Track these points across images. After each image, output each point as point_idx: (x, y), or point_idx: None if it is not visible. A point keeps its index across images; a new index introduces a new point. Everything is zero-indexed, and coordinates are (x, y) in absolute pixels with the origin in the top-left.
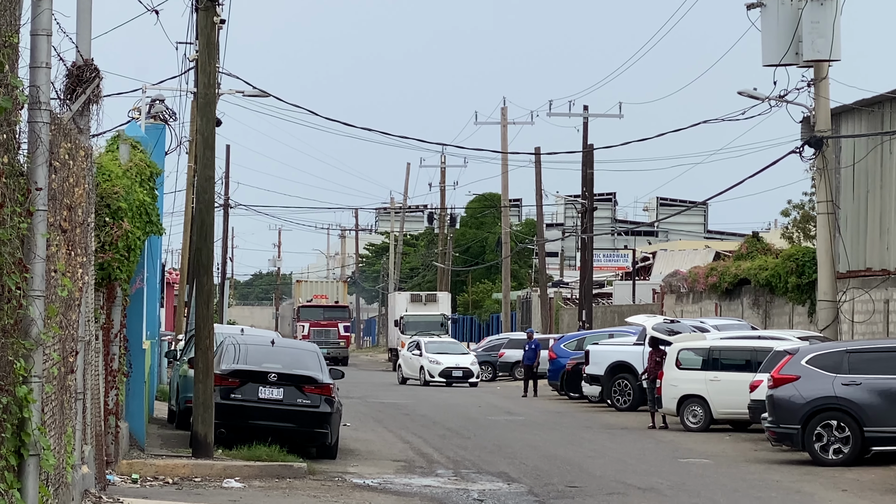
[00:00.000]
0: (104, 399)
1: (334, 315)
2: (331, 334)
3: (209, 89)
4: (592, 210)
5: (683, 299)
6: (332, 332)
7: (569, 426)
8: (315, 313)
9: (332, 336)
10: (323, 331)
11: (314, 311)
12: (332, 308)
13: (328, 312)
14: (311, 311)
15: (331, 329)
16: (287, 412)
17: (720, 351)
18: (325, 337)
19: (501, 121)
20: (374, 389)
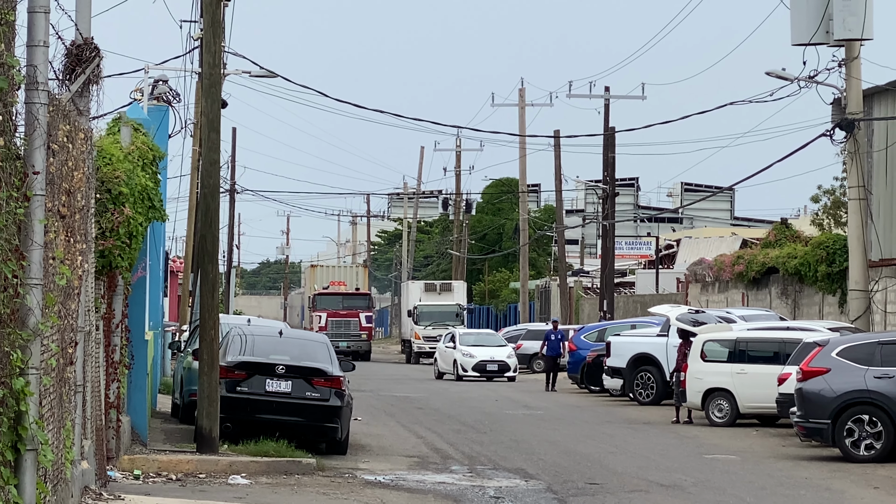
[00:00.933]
0: (105, 392)
1: (354, 304)
2: (351, 326)
3: (214, 69)
4: (614, 196)
5: (709, 289)
6: (352, 323)
7: (589, 421)
8: (333, 302)
9: (352, 328)
10: (342, 322)
11: (331, 299)
12: (351, 296)
13: (347, 301)
14: (329, 299)
15: (351, 320)
16: (295, 406)
17: (747, 342)
18: (344, 329)
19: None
20: (387, 382)
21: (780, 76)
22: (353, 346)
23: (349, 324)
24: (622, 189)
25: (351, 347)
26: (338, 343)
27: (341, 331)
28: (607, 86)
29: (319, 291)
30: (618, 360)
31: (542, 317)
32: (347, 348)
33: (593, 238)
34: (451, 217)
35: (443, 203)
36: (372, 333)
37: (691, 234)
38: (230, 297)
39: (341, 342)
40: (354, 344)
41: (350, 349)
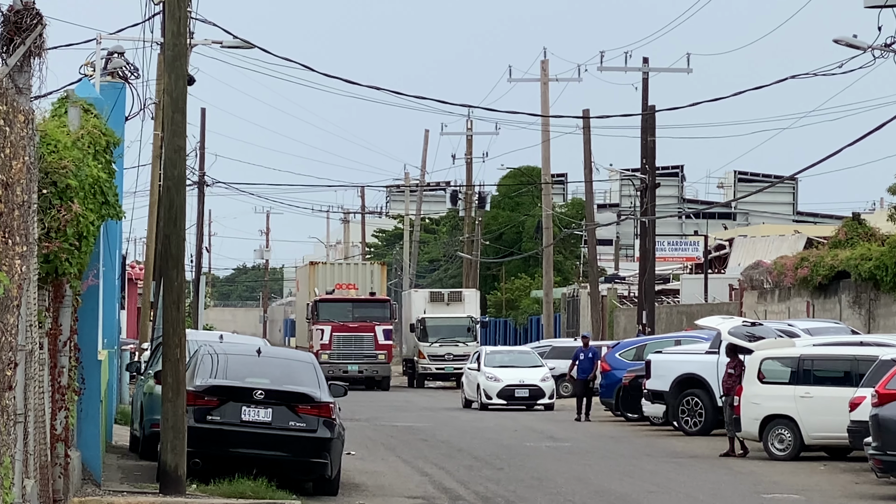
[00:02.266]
0: (51, 422)
1: (369, 314)
2: (364, 343)
3: (179, 39)
4: (654, 187)
5: (767, 297)
6: (365, 339)
7: (625, 454)
8: (340, 311)
9: (365, 346)
10: (352, 339)
11: (338, 308)
12: (365, 303)
13: (360, 310)
14: (334, 308)
15: (364, 336)
16: (277, 438)
17: (813, 360)
18: (355, 348)
19: (541, 77)
20: (386, 410)
21: (851, 44)
22: (367, 371)
23: (362, 341)
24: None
25: (364, 373)
26: (346, 367)
27: (351, 350)
28: (646, 56)
29: (322, 297)
30: (659, 383)
31: (570, 331)
32: (359, 373)
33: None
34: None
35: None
36: (392, 353)
37: (746, 233)
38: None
39: (350, 365)
40: (368, 368)
41: (362, 375)
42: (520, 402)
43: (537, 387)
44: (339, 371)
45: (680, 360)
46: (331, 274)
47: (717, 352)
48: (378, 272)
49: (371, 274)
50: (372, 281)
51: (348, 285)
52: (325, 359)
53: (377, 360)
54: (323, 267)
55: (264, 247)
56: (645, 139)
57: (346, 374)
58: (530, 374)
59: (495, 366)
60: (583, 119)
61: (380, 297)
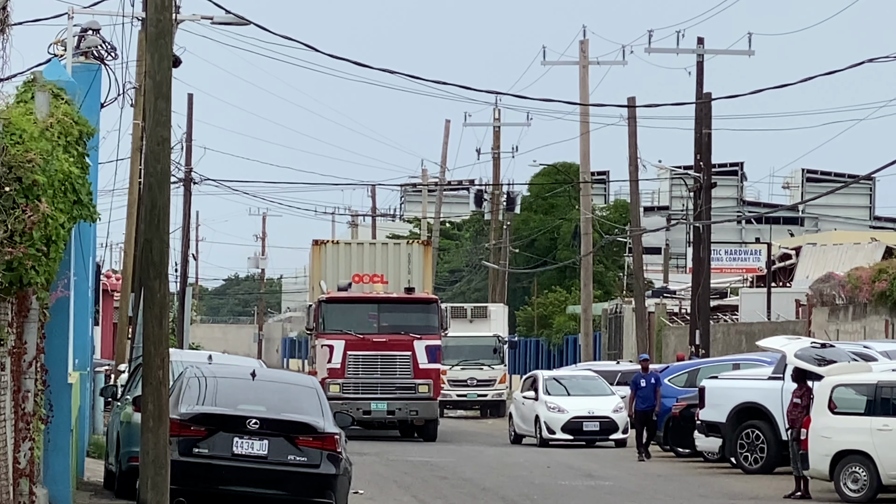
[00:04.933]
0: (14, 455)
1: (405, 322)
2: (397, 368)
3: (163, 14)
4: (710, 187)
5: (840, 314)
6: (399, 363)
7: (675, 496)
8: (358, 318)
9: (399, 372)
10: (378, 361)
11: (356, 312)
12: (398, 305)
13: (390, 315)
14: (350, 312)
15: (397, 357)
16: (273, 474)
17: (892, 388)
18: (384, 375)
19: (580, 60)
20: (398, 443)
21: None
22: (403, 411)
23: (393, 364)
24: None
25: (397, 413)
26: (367, 404)
27: (376, 378)
28: (700, 36)
29: (330, 295)
30: (715, 413)
31: (612, 353)
32: (389, 414)
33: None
34: (487, 216)
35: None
36: (440, 384)
37: (816, 240)
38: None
39: (375, 402)
40: (405, 406)
41: (393, 416)
42: (589, 437)
43: (609, 419)
44: (355, 410)
45: (739, 386)
46: (346, 259)
47: (781, 377)
48: (418, 256)
49: (409, 259)
50: (410, 270)
51: (372, 276)
52: (336, 391)
53: (416, 393)
54: (334, 248)
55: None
56: (699, 132)
57: (367, 415)
58: (601, 404)
59: (558, 394)
60: (628, 108)
61: (422, 296)
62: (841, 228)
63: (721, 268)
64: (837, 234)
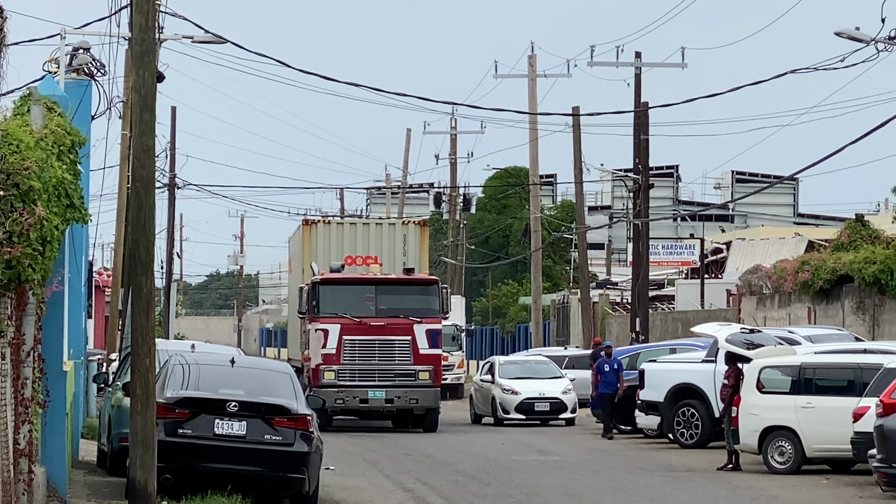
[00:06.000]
0: (14, 436)
1: (404, 304)
2: (396, 353)
3: (147, 34)
4: (648, 188)
5: (766, 303)
6: (397, 347)
7: (618, 468)
8: (355, 300)
9: (398, 358)
10: (376, 346)
11: (352, 294)
12: (397, 286)
13: (388, 297)
14: (346, 294)
15: (395, 341)
16: (251, 452)
17: (814, 369)
18: (381, 360)
19: (529, 72)
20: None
21: (853, 37)
22: (403, 399)
23: (392, 349)
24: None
25: (396, 402)
26: (364, 393)
27: (374, 364)
28: (638, 51)
29: (325, 276)
30: (654, 393)
31: (560, 339)
32: (387, 403)
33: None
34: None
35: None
36: (441, 370)
37: (744, 236)
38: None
39: (373, 390)
40: (405, 394)
41: (393, 405)
42: (540, 416)
43: (559, 399)
44: (352, 399)
45: (675, 369)
46: (337, 240)
47: (714, 360)
48: (415, 237)
49: (404, 240)
50: (405, 252)
51: (366, 258)
52: (331, 379)
53: (417, 381)
54: (325, 228)
55: (238, 252)
56: (638, 138)
57: (364, 404)
58: (551, 386)
59: (512, 377)
60: (572, 117)
61: (422, 277)
62: (767, 225)
63: (658, 261)
64: (764, 230)
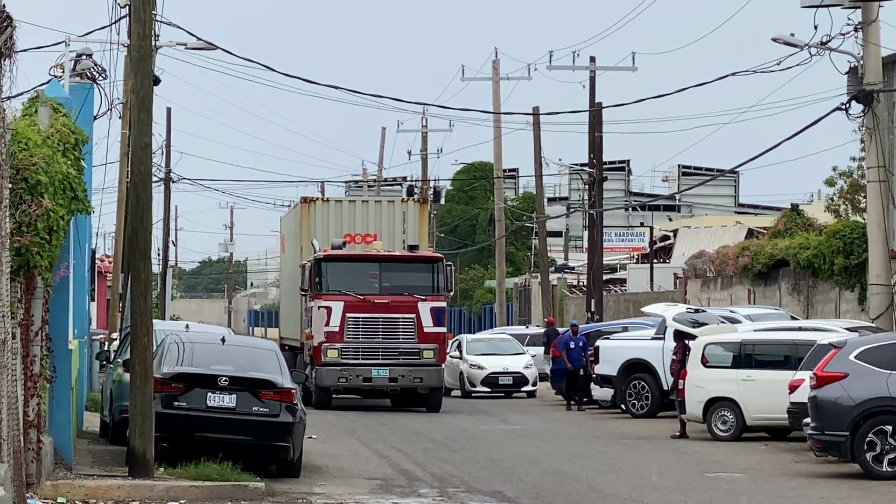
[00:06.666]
0: (23, 409)
1: (408, 282)
2: (400, 331)
3: (144, 41)
4: (602, 181)
5: (710, 285)
6: (401, 325)
7: (575, 436)
8: (358, 278)
9: (402, 336)
10: (380, 323)
11: (355, 272)
12: (400, 263)
13: (392, 274)
14: (349, 272)
15: (399, 319)
16: (241, 422)
17: (754, 345)
18: (385, 339)
19: (493, 76)
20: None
21: (789, 42)
22: (407, 378)
23: (396, 327)
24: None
25: (400, 381)
26: (368, 371)
27: (378, 342)
28: (593, 56)
29: (329, 254)
30: (608, 368)
31: (522, 319)
32: (391, 382)
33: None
34: None
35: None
36: (445, 348)
37: (690, 224)
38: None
39: (376, 369)
40: (409, 373)
41: (397, 383)
42: (504, 389)
43: (521, 374)
44: (355, 378)
45: (627, 345)
46: (336, 217)
47: (662, 337)
48: (414, 214)
49: (404, 217)
50: (405, 229)
51: (365, 236)
52: (334, 357)
53: (421, 359)
54: (324, 206)
55: (228, 240)
56: (592, 135)
57: (368, 382)
58: (513, 362)
59: (478, 353)
60: (533, 116)
61: (427, 254)
62: (711, 214)
63: (612, 247)
64: (708, 218)
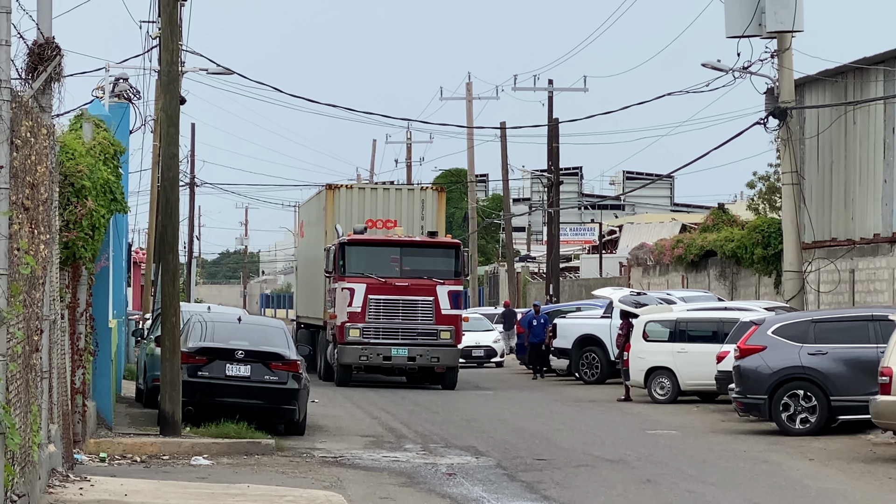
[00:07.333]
0: (71, 378)
1: (427, 265)
2: (419, 313)
3: (172, 67)
4: (559, 184)
5: (650, 272)
6: (420, 307)
7: (537, 400)
8: (380, 262)
9: (420, 318)
10: (400, 306)
11: (377, 256)
12: (420, 248)
13: (412, 259)
14: (371, 255)
15: (419, 301)
16: (254, 389)
17: (687, 323)
18: (404, 320)
19: (467, 96)
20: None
21: (716, 67)
22: (424, 357)
23: (415, 309)
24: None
25: (418, 360)
26: (388, 350)
27: (397, 323)
28: (550, 79)
29: (351, 237)
30: (564, 342)
31: (491, 301)
32: (410, 361)
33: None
34: None
35: None
36: (461, 330)
37: (633, 220)
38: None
39: (396, 348)
40: (427, 352)
41: (415, 362)
42: (477, 360)
43: (491, 347)
44: (375, 356)
45: (580, 323)
46: (359, 204)
47: (610, 316)
48: (432, 202)
49: (422, 205)
50: (423, 216)
51: (385, 222)
52: (356, 336)
53: (438, 340)
54: (348, 193)
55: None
56: (550, 146)
57: (387, 361)
58: (484, 337)
59: None
60: (500, 130)
61: (445, 240)
62: (650, 212)
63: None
64: (648, 216)
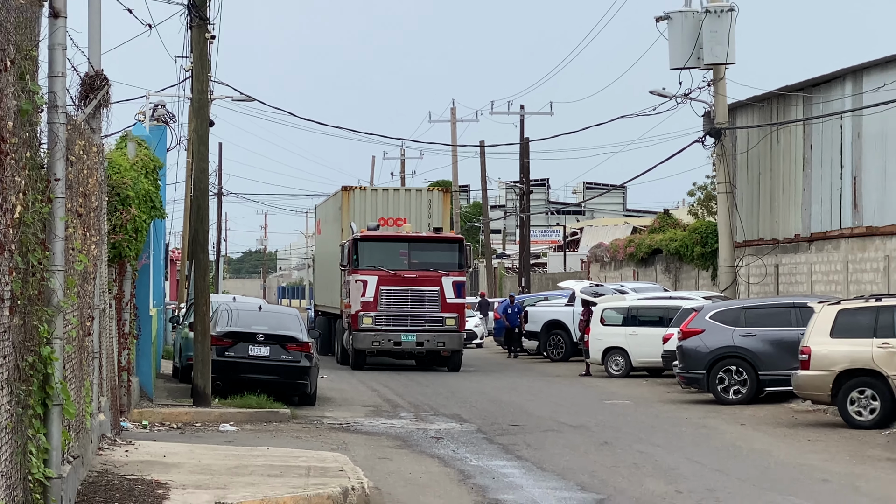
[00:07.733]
0: (117, 358)
1: (433, 259)
2: (426, 302)
3: (203, 95)
4: (529, 193)
5: (606, 267)
6: (428, 297)
7: (511, 375)
8: (390, 256)
9: (427, 306)
10: (408, 295)
11: (388, 250)
12: (427, 244)
13: (420, 253)
14: (382, 250)
15: (426, 292)
16: (273, 366)
17: (638, 310)
18: (413, 308)
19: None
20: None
21: (662, 94)
22: (431, 342)
23: (422, 298)
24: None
25: (426, 345)
26: (398, 336)
27: (407, 311)
28: (522, 104)
29: (364, 234)
30: (534, 326)
31: (473, 292)
32: (418, 345)
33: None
34: None
35: None
36: (465, 317)
37: (592, 224)
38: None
39: (405, 334)
40: (433, 338)
41: (423, 347)
42: None
43: (472, 331)
44: (387, 342)
45: (548, 310)
46: (371, 204)
47: (572, 304)
48: (438, 202)
49: (429, 205)
50: (430, 214)
51: (396, 220)
52: (369, 324)
53: (444, 326)
54: (361, 194)
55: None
56: (522, 160)
57: (398, 346)
58: (468, 322)
59: None
60: (479, 147)
61: (449, 236)
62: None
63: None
64: (604, 220)
